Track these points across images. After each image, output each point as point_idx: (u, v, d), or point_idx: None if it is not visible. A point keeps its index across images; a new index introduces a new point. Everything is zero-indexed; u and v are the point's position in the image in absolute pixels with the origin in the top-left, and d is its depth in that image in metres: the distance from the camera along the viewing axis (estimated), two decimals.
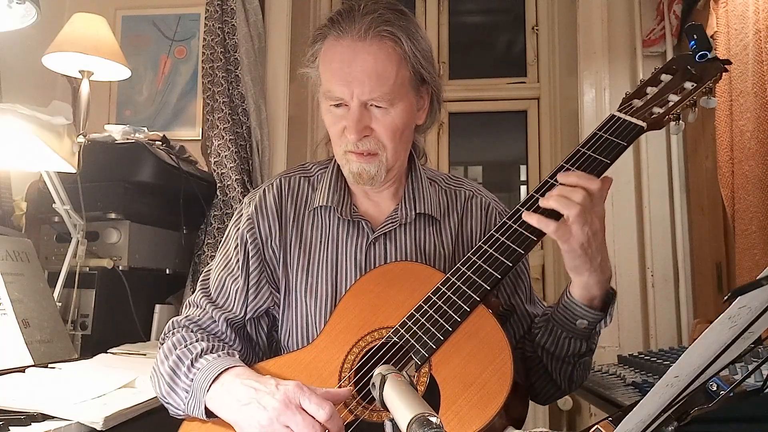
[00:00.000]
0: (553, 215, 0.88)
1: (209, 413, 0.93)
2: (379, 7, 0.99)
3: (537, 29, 2.96)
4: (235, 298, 1.06)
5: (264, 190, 1.11)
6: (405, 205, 1.09)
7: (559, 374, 1.01)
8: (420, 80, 1.03)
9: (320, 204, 1.08)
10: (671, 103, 0.97)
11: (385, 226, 1.07)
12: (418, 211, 1.08)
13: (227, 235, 1.12)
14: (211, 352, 0.98)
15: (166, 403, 0.99)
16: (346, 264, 1.06)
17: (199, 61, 2.59)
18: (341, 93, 0.98)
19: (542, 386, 1.05)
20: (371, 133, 1.00)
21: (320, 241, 1.08)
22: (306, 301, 1.06)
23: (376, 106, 0.98)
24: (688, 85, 0.97)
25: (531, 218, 0.89)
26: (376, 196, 1.10)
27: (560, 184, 0.89)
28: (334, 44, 0.99)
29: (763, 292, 0.52)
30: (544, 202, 0.89)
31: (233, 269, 1.08)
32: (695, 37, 0.98)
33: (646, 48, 2.41)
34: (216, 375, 0.92)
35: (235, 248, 1.08)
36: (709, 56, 0.97)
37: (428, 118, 1.09)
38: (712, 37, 1.92)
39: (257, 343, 1.09)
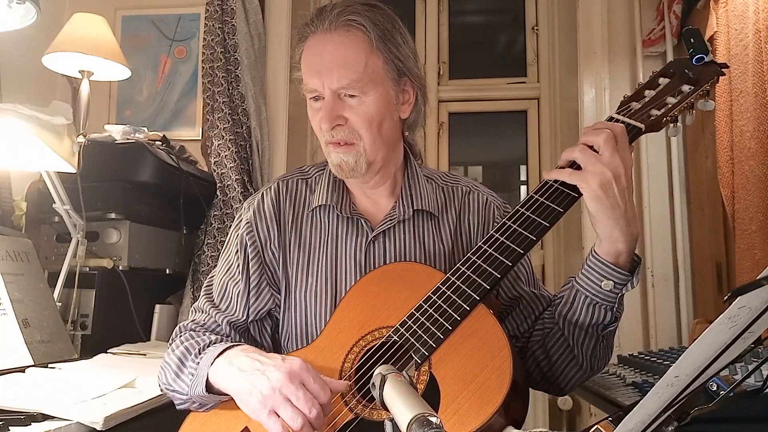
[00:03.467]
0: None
1: (210, 389, 0.93)
2: (348, 3, 1.01)
3: (537, 29, 2.96)
4: (237, 301, 1.07)
5: (262, 194, 1.12)
6: (402, 202, 1.09)
7: (581, 349, 0.98)
8: (397, 71, 1.02)
9: (319, 203, 1.09)
10: (669, 106, 0.97)
11: (384, 224, 1.08)
12: (415, 208, 1.08)
13: (228, 240, 1.13)
14: (219, 343, 0.99)
15: (172, 391, 1.00)
16: (345, 263, 1.06)
17: (199, 61, 2.59)
18: (314, 84, 1.00)
19: (563, 367, 1.01)
20: (345, 122, 1.00)
21: (319, 241, 1.08)
22: (306, 301, 1.06)
23: (349, 95, 0.99)
24: (686, 88, 0.98)
25: (551, 174, 0.92)
26: (374, 194, 1.11)
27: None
28: (309, 41, 1.02)
29: (763, 292, 0.52)
30: (565, 156, 0.93)
31: (234, 273, 1.09)
32: (692, 40, 0.99)
33: (646, 48, 2.41)
34: (222, 350, 0.93)
35: (236, 252, 1.09)
36: (706, 59, 0.98)
37: (413, 113, 1.08)
38: (712, 37, 1.92)
39: (261, 346, 1.10)
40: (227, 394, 0.93)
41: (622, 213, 0.88)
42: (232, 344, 0.96)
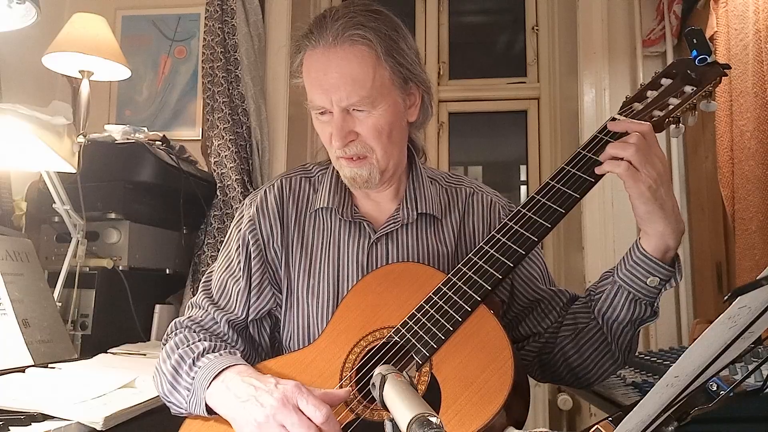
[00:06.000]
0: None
1: (210, 411, 0.93)
2: (349, 11, 0.98)
3: (537, 29, 2.96)
4: (236, 300, 1.06)
5: (265, 191, 1.11)
6: (406, 205, 1.08)
7: (617, 343, 0.99)
8: (403, 78, 1.01)
9: (321, 206, 1.08)
10: (671, 107, 0.97)
11: (386, 226, 1.07)
12: (419, 211, 1.08)
13: (229, 237, 1.12)
14: (213, 351, 0.98)
15: (168, 401, 1.00)
16: (347, 265, 1.06)
17: (199, 61, 2.59)
18: (321, 101, 0.98)
19: (597, 361, 1.02)
20: (356, 137, 0.99)
21: (322, 243, 1.08)
22: (308, 302, 1.06)
23: (357, 110, 0.98)
24: (688, 88, 0.98)
25: (602, 168, 0.91)
26: (377, 196, 1.10)
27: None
28: (311, 54, 0.99)
29: (763, 292, 0.52)
30: (604, 155, 0.92)
31: (235, 270, 1.08)
32: (695, 41, 0.98)
33: (646, 48, 2.41)
34: (217, 372, 0.92)
35: (237, 249, 1.08)
36: (709, 60, 0.97)
37: (421, 115, 1.08)
38: (712, 37, 1.92)
39: (260, 344, 1.10)
40: None
41: (671, 210, 0.90)
42: (226, 363, 0.94)
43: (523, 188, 3.06)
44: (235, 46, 2.47)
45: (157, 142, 2.04)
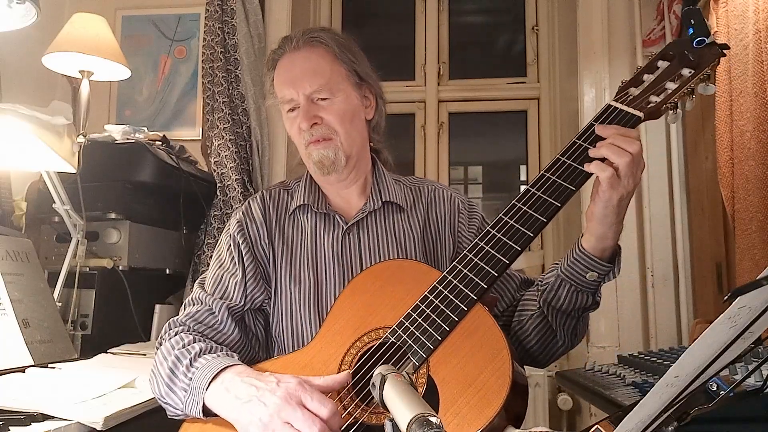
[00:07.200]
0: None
1: (207, 412, 0.93)
2: (308, 28, 1.18)
3: (537, 29, 2.96)
4: (234, 288, 1.11)
5: (249, 202, 1.22)
6: (372, 197, 1.19)
7: (563, 330, 1.05)
8: (358, 77, 1.16)
9: (298, 204, 1.18)
10: (669, 91, 0.95)
11: (356, 217, 1.16)
12: (384, 200, 1.18)
13: (219, 243, 1.20)
14: (210, 353, 0.99)
15: (164, 403, 1.01)
16: (324, 254, 1.14)
17: (199, 61, 2.59)
18: (290, 94, 1.13)
19: (545, 344, 1.08)
20: (321, 121, 1.12)
21: (301, 237, 1.17)
22: (290, 289, 1.12)
23: (320, 99, 1.12)
24: (686, 71, 0.95)
25: (590, 167, 0.92)
26: (346, 193, 1.20)
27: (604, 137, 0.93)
28: (279, 63, 1.17)
29: (763, 292, 0.52)
30: (594, 152, 0.92)
31: (229, 266, 1.14)
32: (693, 21, 0.96)
33: (646, 48, 2.41)
34: (216, 373, 0.93)
35: (228, 248, 1.16)
36: (707, 41, 0.95)
37: (376, 114, 1.22)
38: None
39: (255, 335, 1.14)
40: None
41: (622, 219, 0.95)
42: (224, 364, 0.95)
43: (523, 188, 3.06)
44: (235, 46, 2.47)
45: (157, 142, 2.05)
